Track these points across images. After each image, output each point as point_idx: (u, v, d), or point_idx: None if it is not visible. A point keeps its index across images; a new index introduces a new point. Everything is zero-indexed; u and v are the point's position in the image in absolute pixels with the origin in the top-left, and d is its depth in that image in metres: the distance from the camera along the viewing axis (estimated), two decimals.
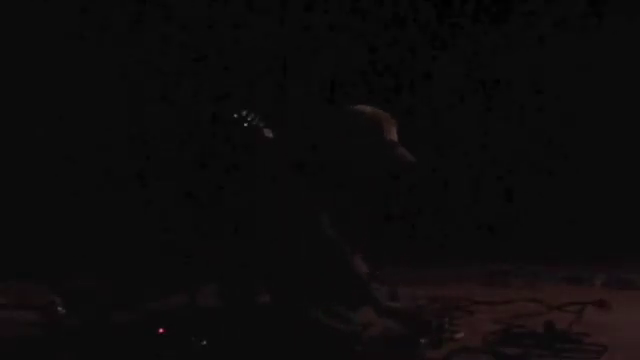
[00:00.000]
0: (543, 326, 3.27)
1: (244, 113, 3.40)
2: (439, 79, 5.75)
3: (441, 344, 3.11)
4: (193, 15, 5.33)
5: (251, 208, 3.42)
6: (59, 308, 3.42)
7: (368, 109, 3.30)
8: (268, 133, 3.42)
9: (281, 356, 2.95)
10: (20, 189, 5.00)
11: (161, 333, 3.06)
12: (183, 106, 5.30)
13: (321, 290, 3.17)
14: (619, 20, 5.75)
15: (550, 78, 5.84)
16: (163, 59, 5.30)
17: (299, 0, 5.56)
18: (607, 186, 5.76)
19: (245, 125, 3.37)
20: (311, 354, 2.98)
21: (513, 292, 4.24)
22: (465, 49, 5.80)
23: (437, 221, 5.71)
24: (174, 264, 4.07)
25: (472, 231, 5.70)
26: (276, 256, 3.23)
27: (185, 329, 3.07)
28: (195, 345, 2.96)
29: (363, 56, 5.65)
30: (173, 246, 4.80)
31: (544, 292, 4.26)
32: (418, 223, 5.62)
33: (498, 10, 5.79)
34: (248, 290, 3.27)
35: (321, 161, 3.30)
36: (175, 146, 5.28)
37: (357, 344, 3.03)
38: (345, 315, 3.13)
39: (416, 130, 3.40)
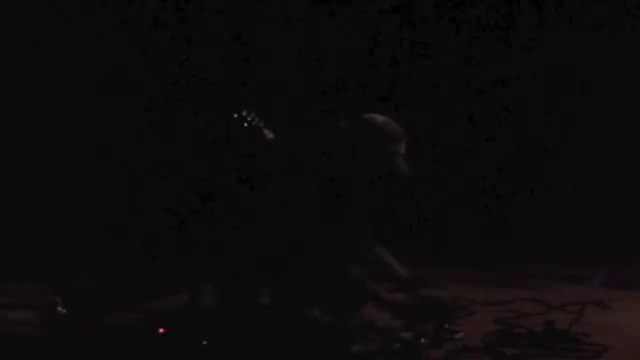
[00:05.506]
0: (543, 326, 3.27)
1: (244, 113, 3.41)
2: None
3: (441, 344, 3.11)
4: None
5: (253, 207, 3.42)
6: (59, 308, 3.42)
7: (386, 119, 3.32)
8: (268, 133, 3.42)
9: (281, 355, 2.95)
10: (20, 189, 5.00)
11: (161, 333, 3.06)
12: (186, 105, 5.30)
13: (321, 290, 3.18)
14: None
15: (548, 80, 5.83)
16: (163, 58, 5.30)
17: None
18: (607, 186, 5.75)
19: (245, 125, 3.38)
20: (310, 353, 2.98)
21: (513, 292, 4.24)
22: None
23: (437, 221, 5.70)
24: (174, 264, 4.07)
25: (472, 231, 5.69)
26: (278, 256, 3.24)
27: (185, 329, 3.07)
28: (195, 345, 2.96)
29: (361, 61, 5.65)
30: (173, 246, 4.80)
31: (544, 292, 4.26)
32: (417, 224, 5.61)
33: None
34: (248, 290, 3.27)
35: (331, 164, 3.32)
36: (176, 146, 5.27)
37: (356, 343, 3.04)
38: (344, 314, 3.14)
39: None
